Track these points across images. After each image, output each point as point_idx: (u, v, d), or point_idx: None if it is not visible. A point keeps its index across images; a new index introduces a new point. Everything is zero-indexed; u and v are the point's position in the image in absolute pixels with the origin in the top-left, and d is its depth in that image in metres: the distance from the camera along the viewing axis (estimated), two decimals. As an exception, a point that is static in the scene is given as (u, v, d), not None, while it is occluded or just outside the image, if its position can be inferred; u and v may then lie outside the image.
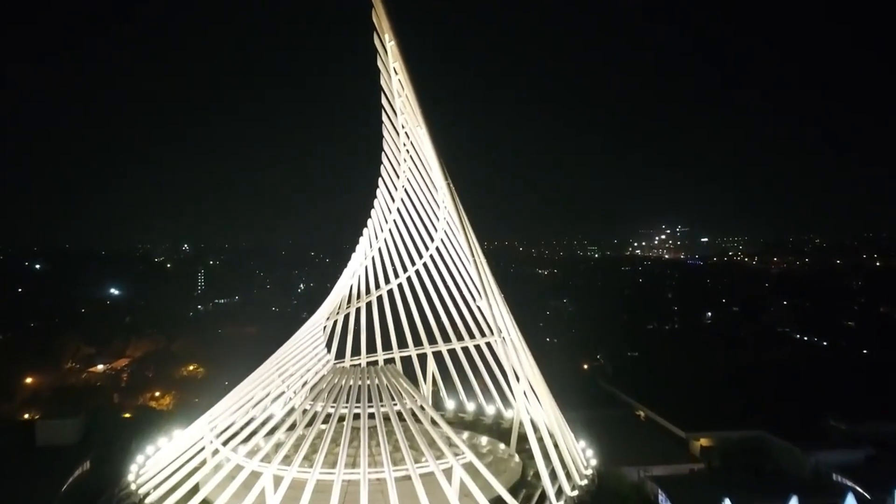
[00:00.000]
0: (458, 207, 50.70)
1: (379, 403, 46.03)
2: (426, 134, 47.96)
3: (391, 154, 55.73)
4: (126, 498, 43.72)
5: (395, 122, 54.40)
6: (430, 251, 54.54)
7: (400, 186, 54.81)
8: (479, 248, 50.89)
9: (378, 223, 56.05)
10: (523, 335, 50.77)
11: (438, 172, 50.14)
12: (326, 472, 40.84)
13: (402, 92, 50.68)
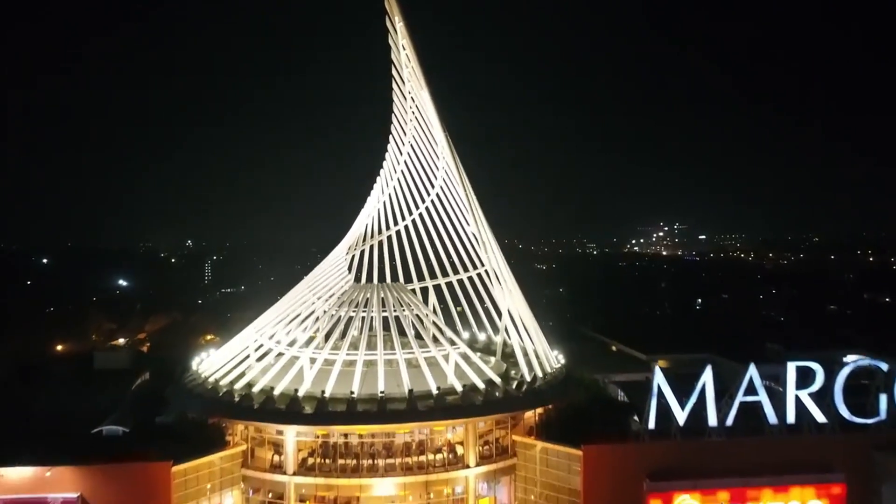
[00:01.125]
0: (456, 159, 63.39)
1: (392, 309, 58.98)
2: (428, 96, 60.84)
3: (399, 116, 68.03)
4: (193, 379, 56.26)
5: (403, 89, 66.94)
6: (432, 196, 66.83)
7: (406, 142, 67.14)
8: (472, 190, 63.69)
9: (388, 173, 68.46)
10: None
11: (438, 129, 62.81)
12: (351, 354, 53.61)
13: (408, 63, 63.50)
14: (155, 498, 44.87)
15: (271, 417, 48.94)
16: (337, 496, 48.82)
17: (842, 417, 49.89)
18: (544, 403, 54.02)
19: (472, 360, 54.86)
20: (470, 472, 50.07)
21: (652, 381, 49.50)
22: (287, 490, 48.77)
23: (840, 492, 48.50)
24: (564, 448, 48.94)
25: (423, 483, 49.36)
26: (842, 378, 50.17)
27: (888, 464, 49.39)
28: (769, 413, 49.64)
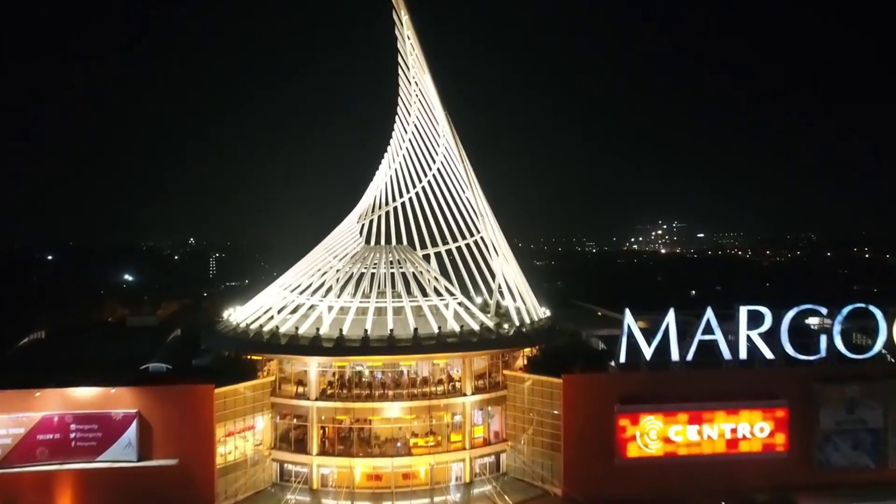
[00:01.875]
0: (455, 136, 72.34)
1: (398, 266, 68.04)
2: (430, 80, 69.92)
3: (405, 99, 77.13)
4: (226, 326, 65.30)
5: (408, 75, 76.04)
6: (433, 171, 75.58)
7: (411, 122, 76.02)
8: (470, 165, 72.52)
9: (395, 150, 77.25)
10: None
11: (439, 110, 71.80)
12: (364, 302, 62.62)
13: (412, 52, 72.55)
14: (200, 415, 53.75)
15: (297, 351, 57.79)
16: (352, 418, 58.06)
17: (787, 354, 58.89)
18: (531, 345, 62.99)
19: (470, 309, 63.92)
20: (467, 400, 58.90)
21: (623, 322, 58.69)
22: (310, 414, 57.71)
23: (783, 415, 57.27)
24: (547, 378, 57.81)
25: (426, 408, 58.27)
26: (787, 320, 58.95)
27: (826, 392, 58.17)
28: (724, 350, 58.73)
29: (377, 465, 57.33)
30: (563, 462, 56.44)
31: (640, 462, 55.79)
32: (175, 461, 52.43)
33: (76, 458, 51.67)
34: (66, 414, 52.02)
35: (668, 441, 56.01)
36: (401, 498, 55.47)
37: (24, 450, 51.26)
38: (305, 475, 57.39)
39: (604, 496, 54.08)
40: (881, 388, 58.09)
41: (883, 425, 57.91)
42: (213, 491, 53.45)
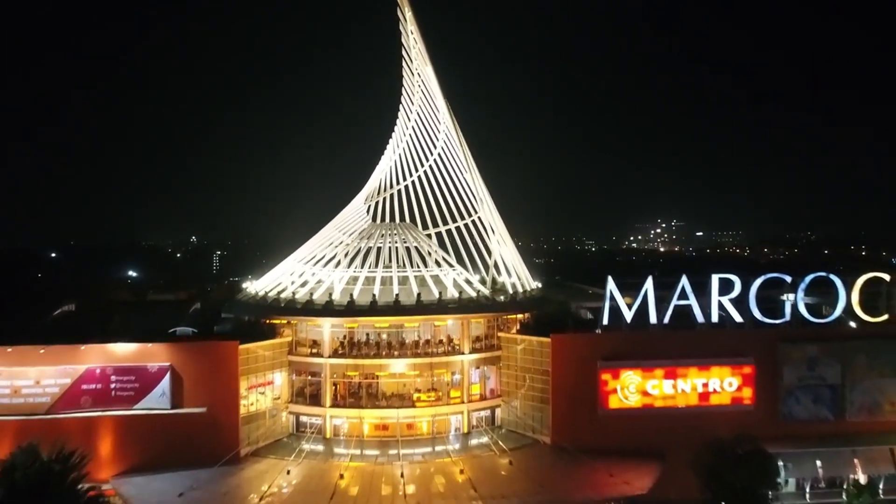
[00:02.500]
0: (455, 123, 79.29)
1: (400, 241, 74.98)
2: (431, 71, 76.93)
3: (408, 89, 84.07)
4: (246, 295, 72.15)
5: (411, 67, 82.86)
6: (434, 156, 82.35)
7: (414, 110, 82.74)
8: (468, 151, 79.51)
9: (399, 135, 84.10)
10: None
11: (440, 98, 78.72)
12: (371, 272, 69.52)
13: (415, 45, 79.45)
14: (226, 368, 60.42)
15: (312, 313, 64.45)
16: (362, 374, 64.90)
17: (755, 318, 65.75)
18: (523, 311, 69.76)
19: (468, 279, 70.77)
20: (465, 358, 65.66)
21: (606, 288, 65.58)
22: (323, 370, 64.52)
23: (750, 371, 63.94)
24: (537, 338, 64.50)
25: (428, 364, 65.07)
26: (755, 287, 65.93)
27: (789, 352, 64.86)
28: (698, 314, 65.57)
29: (384, 417, 64.14)
30: (551, 414, 63.15)
31: (620, 413, 62.51)
32: (203, 409, 59.15)
33: (116, 406, 58.36)
34: (106, 366, 58.76)
35: (646, 394, 62.77)
36: (405, 446, 61.93)
37: (70, 398, 58.06)
38: (319, 426, 64.22)
39: (588, 444, 60.51)
40: (839, 348, 64.77)
41: (840, 381, 64.63)
42: (238, 437, 60.14)
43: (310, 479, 55.94)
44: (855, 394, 64.75)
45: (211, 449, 57.63)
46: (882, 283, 66.70)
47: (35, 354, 57.90)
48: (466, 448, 62.98)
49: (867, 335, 65.17)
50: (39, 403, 57.45)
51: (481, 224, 78.69)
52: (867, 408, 64.80)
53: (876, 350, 64.96)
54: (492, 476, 56.90)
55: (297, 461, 58.37)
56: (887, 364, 64.98)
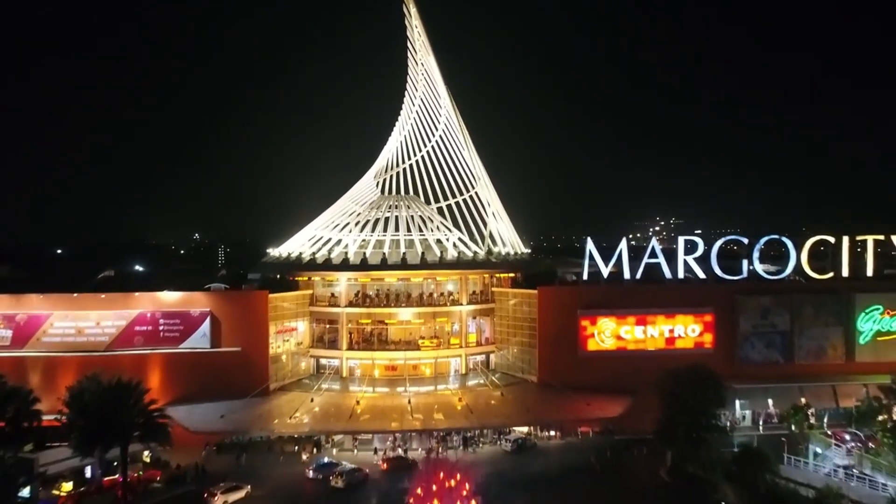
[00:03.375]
0: (454, 107, 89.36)
1: (406, 210, 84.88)
2: (433, 60, 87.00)
3: (412, 77, 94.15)
4: (272, 256, 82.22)
5: (415, 57, 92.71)
6: (436, 137, 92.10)
7: (418, 96, 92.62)
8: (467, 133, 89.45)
9: (405, 119, 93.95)
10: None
11: (441, 85, 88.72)
12: (381, 236, 79.49)
13: (419, 37, 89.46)
14: (257, 314, 70.08)
15: (331, 268, 74.29)
16: (373, 321, 74.92)
17: (716, 274, 75.56)
18: (513, 269, 79.46)
19: (466, 242, 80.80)
20: (463, 308, 75.64)
21: (585, 247, 75.48)
22: (340, 318, 74.50)
23: (710, 320, 73.52)
24: (526, 291, 74.44)
25: (432, 314, 74.93)
26: (715, 248, 75.75)
27: (745, 302, 74.47)
28: (666, 271, 75.41)
29: (393, 358, 74.01)
30: (538, 356, 72.85)
31: (597, 355, 72.22)
32: (238, 349, 68.89)
33: (163, 345, 68.27)
34: (155, 311, 68.62)
35: (620, 338, 72.55)
36: (412, 384, 71.58)
37: (125, 338, 67.93)
38: (336, 367, 74.10)
39: (569, 382, 70.17)
40: (788, 300, 74.42)
41: (790, 329, 74.37)
42: (267, 374, 69.91)
43: (330, 406, 65.83)
44: (802, 340, 74.52)
45: (244, 383, 67.35)
46: (828, 245, 76.62)
47: (96, 300, 67.87)
48: (464, 385, 72.72)
49: (813, 289, 75.07)
50: (99, 342, 67.34)
51: (479, 199, 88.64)
52: (813, 352, 74.59)
53: (821, 302, 74.76)
54: (485, 404, 66.79)
55: (318, 394, 68.29)
56: (831, 314, 74.80)
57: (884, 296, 75.03)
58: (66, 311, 67.60)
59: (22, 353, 66.56)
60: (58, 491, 54.38)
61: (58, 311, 67.67)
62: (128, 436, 54.38)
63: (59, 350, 66.80)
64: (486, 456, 63.18)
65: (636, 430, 65.38)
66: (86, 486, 55.63)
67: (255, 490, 54.49)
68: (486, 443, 66.03)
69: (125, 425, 54.48)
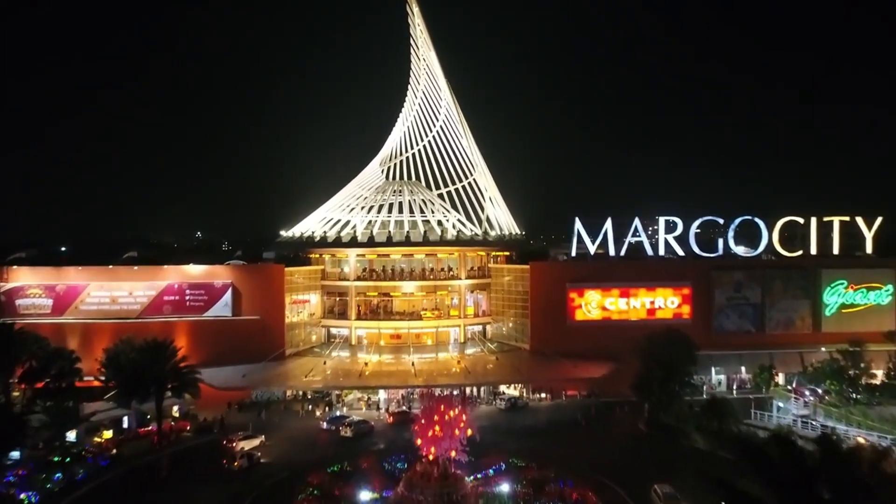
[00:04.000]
0: (453, 98, 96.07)
1: (409, 195, 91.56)
2: (434, 56, 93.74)
3: (415, 71, 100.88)
4: (285, 236, 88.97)
5: (418, 53, 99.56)
6: (437, 127, 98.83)
7: (420, 90, 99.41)
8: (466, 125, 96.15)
9: (408, 111, 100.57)
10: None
11: (441, 79, 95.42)
12: (387, 217, 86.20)
13: (421, 34, 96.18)
14: (274, 286, 76.54)
15: (341, 245, 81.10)
16: (379, 294, 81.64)
17: (693, 251, 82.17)
18: (508, 248, 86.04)
19: (465, 223, 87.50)
20: (461, 283, 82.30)
21: (574, 227, 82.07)
22: (349, 291, 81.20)
23: (688, 292, 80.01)
24: (519, 266, 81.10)
25: (433, 286, 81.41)
26: (693, 227, 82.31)
27: (719, 277, 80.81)
28: (647, 248, 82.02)
29: (397, 328, 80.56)
30: (530, 326, 79.47)
31: (584, 324, 78.64)
32: (257, 317, 75.39)
33: (189, 314, 75.04)
34: (182, 283, 75.21)
35: (605, 309, 79.04)
36: (414, 352, 78.25)
37: (155, 306, 74.59)
38: (346, 336, 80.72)
39: (559, 349, 76.56)
40: (760, 275, 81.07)
41: (761, 301, 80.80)
42: (283, 340, 76.44)
43: (341, 369, 72.37)
44: (773, 312, 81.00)
45: (263, 348, 73.88)
46: (797, 225, 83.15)
47: (129, 272, 74.56)
48: (463, 353, 79.11)
49: (783, 266, 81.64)
50: (132, 310, 73.97)
51: (477, 185, 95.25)
52: (783, 323, 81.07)
53: (789, 277, 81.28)
54: (482, 367, 73.35)
55: (329, 359, 74.94)
56: (799, 288, 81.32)
57: (848, 271, 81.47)
58: (101, 281, 74.24)
59: (62, 320, 73.04)
60: (99, 438, 60.79)
61: (94, 281, 74.31)
62: (162, 389, 60.99)
63: (95, 317, 73.40)
64: (482, 413, 69.57)
65: (619, 393, 71.30)
66: (124, 434, 62.16)
67: (275, 440, 60.79)
68: (482, 403, 72.54)
69: (159, 379, 61.10)
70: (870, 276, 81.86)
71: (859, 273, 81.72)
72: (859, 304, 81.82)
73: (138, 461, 55.82)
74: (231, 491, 48.96)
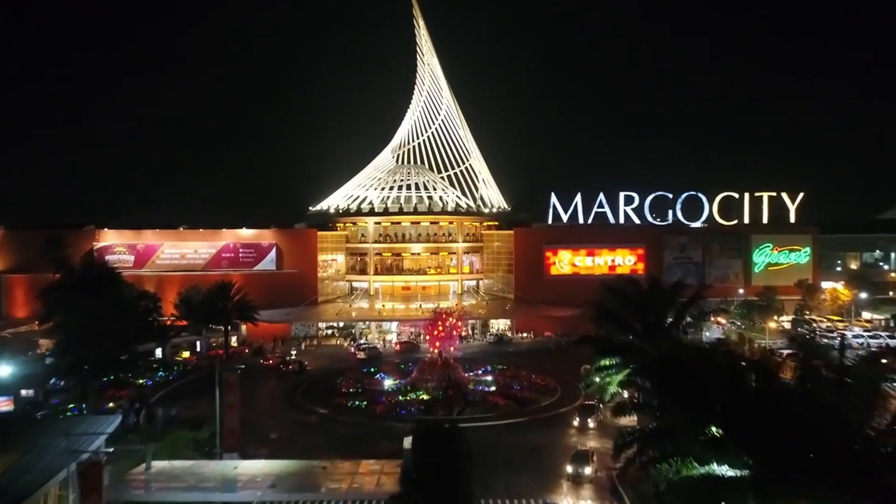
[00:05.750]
0: (452, 96, 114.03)
1: (416, 176, 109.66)
2: (436, 60, 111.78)
3: (420, 72, 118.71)
4: (313, 211, 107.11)
5: (423, 59, 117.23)
6: (439, 120, 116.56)
7: (424, 89, 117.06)
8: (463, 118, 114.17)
9: (414, 106, 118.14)
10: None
11: (443, 80, 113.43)
12: (398, 192, 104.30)
13: (425, 43, 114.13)
14: (309, 246, 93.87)
15: (361, 214, 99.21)
16: (392, 254, 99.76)
17: (647, 220, 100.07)
18: (497, 219, 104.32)
19: (462, 198, 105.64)
20: (459, 246, 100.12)
21: (549, 200, 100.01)
22: (369, 252, 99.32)
23: (642, 252, 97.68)
24: (506, 232, 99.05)
25: (436, 248, 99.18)
26: (648, 200, 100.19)
27: (668, 240, 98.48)
28: (610, 217, 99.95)
29: (407, 281, 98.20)
30: (514, 279, 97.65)
31: (557, 278, 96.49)
32: (295, 271, 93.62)
33: (242, 268, 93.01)
34: (236, 243, 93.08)
35: (574, 266, 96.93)
36: (421, 301, 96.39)
37: (215, 261, 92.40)
38: (365, 288, 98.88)
39: (537, 298, 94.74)
40: (701, 238, 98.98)
41: (702, 260, 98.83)
42: (316, 290, 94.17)
43: (363, 308, 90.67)
44: (712, 269, 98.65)
45: (300, 296, 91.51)
46: (732, 199, 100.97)
47: (195, 234, 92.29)
48: (460, 301, 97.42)
49: (720, 231, 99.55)
50: (197, 264, 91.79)
51: (472, 169, 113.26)
52: (720, 278, 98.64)
53: (725, 241, 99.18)
54: (476, 308, 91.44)
55: (352, 305, 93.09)
56: (733, 250, 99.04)
57: (773, 236, 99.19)
58: (173, 241, 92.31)
59: (141, 272, 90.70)
60: (179, 357, 78.73)
61: (167, 241, 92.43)
62: (229, 318, 78.90)
63: (168, 270, 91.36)
64: (474, 345, 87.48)
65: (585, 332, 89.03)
66: (198, 354, 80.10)
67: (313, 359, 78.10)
68: (474, 339, 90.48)
69: (226, 312, 79.01)
70: (791, 240, 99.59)
71: (783, 238, 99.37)
72: (783, 263, 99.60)
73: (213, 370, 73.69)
74: (289, 384, 66.52)
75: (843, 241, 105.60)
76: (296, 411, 56.30)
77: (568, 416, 53.88)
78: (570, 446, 46.16)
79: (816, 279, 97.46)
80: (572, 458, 40.73)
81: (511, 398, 57.07)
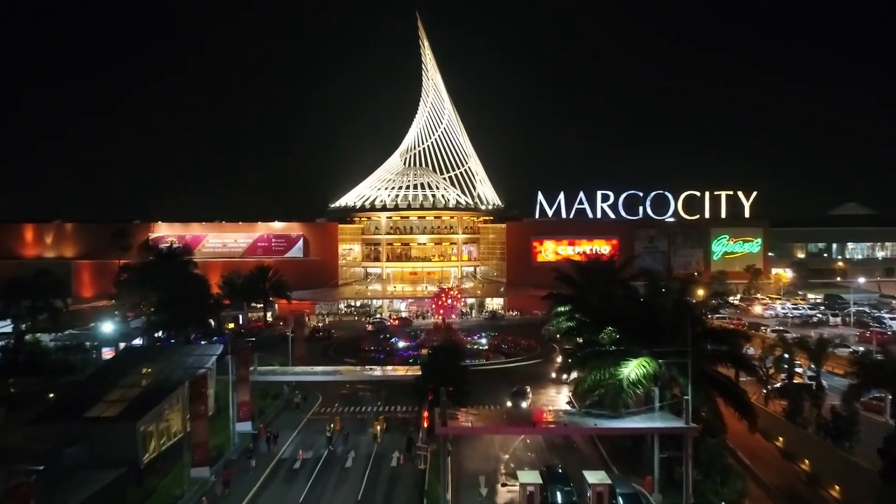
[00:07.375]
0: (453, 106, 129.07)
1: (422, 177, 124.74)
2: (439, 76, 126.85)
3: (425, 86, 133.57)
4: (332, 208, 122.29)
5: (427, 73, 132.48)
6: (442, 128, 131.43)
7: (429, 101, 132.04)
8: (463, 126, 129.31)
9: (420, 115, 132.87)
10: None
11: (444, 92, 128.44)
12: (406, 191, 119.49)
13: (430, 60, 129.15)
14: (331, 237, 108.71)
15: (374, 210, 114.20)
16: (401, 243, 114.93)
17: (622, 215, 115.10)
18: (492, 214, 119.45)
19: (462, 196, 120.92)
20: (458, 237, 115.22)
21: (536, 197, 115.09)
22: (381, 241, 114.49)
23: (616, 242, 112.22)
24: (499, 225, 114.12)
25: (439, 239, 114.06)
26: (622, 198, 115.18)
27: (638, 232, 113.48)
28: (589, 212, 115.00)
29: (414, 267, 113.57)
30: (506, 266, 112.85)
31: (543, 264, 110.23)
32: (320, 258, 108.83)
33: (274, 255, 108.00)
34: (270, 234, 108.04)
35: (557, 254, 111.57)
36: (427, 284, 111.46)
37: (251, 249, 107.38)
38: (379, 273, 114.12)
39: (526, 282, 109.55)
40: (666, 230, 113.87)
41: (668, 250, 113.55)
42: (337, 275, 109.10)
43: (377, 290, 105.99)
44: (676, 257, 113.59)
45: (323, 279, 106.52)
46: (695, 197, 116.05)
47: (234, 226, 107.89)
48: (460, 284, 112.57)
49: (683, 225, 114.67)
50: (236, 251, 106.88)
51: (471, 171, 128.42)
52: (683, 265, 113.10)
53: (688, 233, 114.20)
54: (473, 289, 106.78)
55: (368, 288, 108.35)
56: (695, 241, 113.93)
57: (729, 229, 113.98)
58: (216, 233, 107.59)
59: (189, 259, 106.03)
60: (227, 326, 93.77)
61: (211, 233, 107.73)
62: (267, 295, 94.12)
63: (211, 257, 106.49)
64: (472, 321, 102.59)
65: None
66: (241, 325, 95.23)
67: (337, 329, 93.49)
68: (472, 316, 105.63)
69: (265, 290, 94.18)
70: (745, 232, 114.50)
71: (738, 230, 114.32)
72: (737, 252, 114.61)
73: (256, 335, 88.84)
74: (321, 346, 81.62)
75: (792, 233, 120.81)
76: (331, 362, 71.27)
77: (542, 365, 68.36)
78: (532, 380, 60.56)
79: (766, 266, 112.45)
80: (512, 394, 50.41)
81: (499, 352, 71.93)
